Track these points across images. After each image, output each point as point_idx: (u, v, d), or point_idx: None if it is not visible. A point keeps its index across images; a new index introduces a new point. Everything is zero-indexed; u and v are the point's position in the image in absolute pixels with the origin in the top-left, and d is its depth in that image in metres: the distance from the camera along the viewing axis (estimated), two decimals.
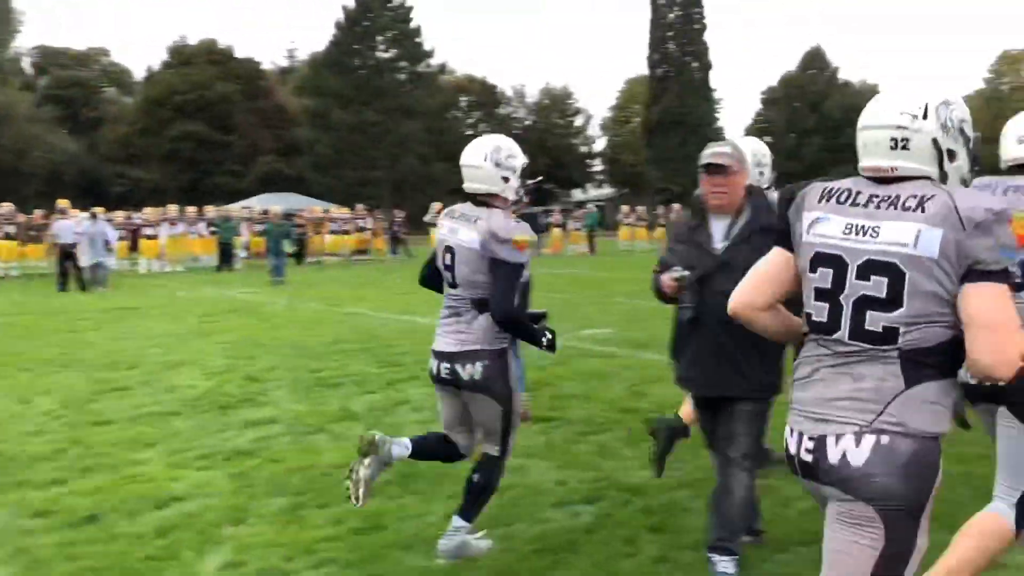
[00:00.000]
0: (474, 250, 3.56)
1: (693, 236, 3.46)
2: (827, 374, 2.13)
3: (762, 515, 4.01)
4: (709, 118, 61.38)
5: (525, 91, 70.45)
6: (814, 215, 2.18)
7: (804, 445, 2.13)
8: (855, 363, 2.08)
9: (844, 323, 2.10)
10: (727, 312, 2.39)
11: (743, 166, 3.45)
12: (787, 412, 2.26)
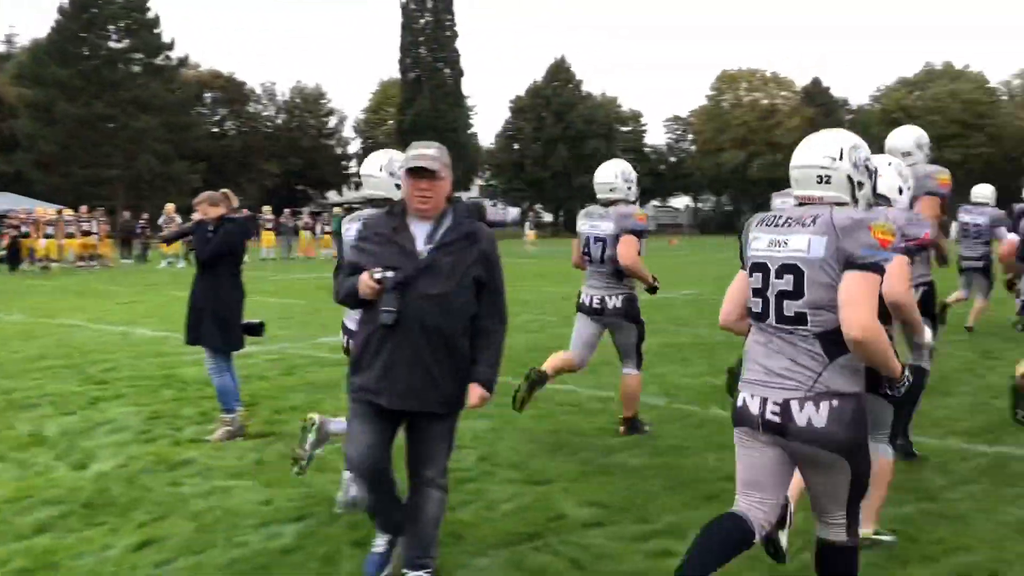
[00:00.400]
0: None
1: (395, 238, 3.30)
2: (769, 351, 2.87)
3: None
4: (462, 124, 62.65)
5: (276, 89, 68.18)
6: (753, 235, 2.96)
7: (770, 408, 2.83)
8: (786, 342, 2.82)
9: (771, 312, 2.85)
10: (434, 318, 3.21)
11: (448, 171, 3.36)
12: None
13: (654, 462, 5.13)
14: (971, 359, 8.44)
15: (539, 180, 70.93)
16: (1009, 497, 4.44)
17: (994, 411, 6.32)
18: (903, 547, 3.85)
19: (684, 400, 6.82)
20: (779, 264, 2.82)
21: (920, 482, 4.69)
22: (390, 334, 3.22)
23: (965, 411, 6.36)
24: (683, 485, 4.69)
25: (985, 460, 5.10)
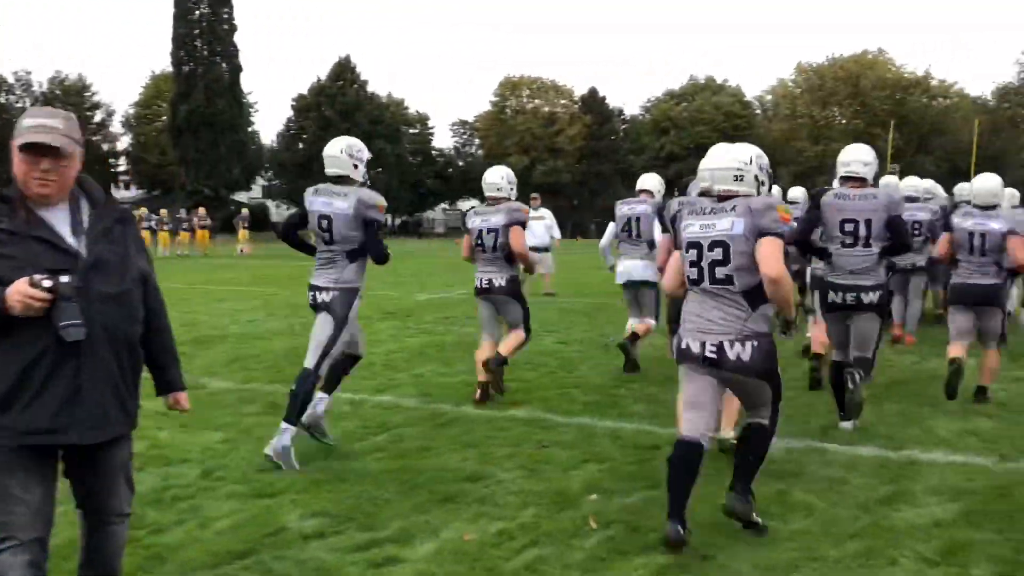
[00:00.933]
0: (348, 215, 5.05)
1: (33, 232, 2.59)
2: (704, 307, 3.85)
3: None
4: (241, 121, 60.09)
5: (31, 79, 62.35)
6: (685, 222, 3.94)
7: (708, 348, 3.78)
8: (719, 299, 3.81)
9: (706, 277, 3.84)
10: (119, 323, 2.75)
11: (77, 146, 2.71)
12: None
13: (393, 465, 4.93)
14: None
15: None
16: (728, 482, 4.60)
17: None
18: (626, 538, 3.88)
19: (438, 399, 6.68)
20: (710, 241, 3.82)
21: (649, 471, 4.79)
22: (70, 353, 2.57)
23: None
24: (419, 488, 4.52)
25: (718, 443, 5.29)
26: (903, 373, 7.62)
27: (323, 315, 5.16)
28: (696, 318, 3.86)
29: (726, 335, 3.75)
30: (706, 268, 3.83)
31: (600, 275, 19.13)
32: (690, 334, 3.86)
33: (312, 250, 5.34)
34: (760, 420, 3.99)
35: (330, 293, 5.15)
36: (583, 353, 8.87)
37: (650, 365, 8.09)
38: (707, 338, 3.79)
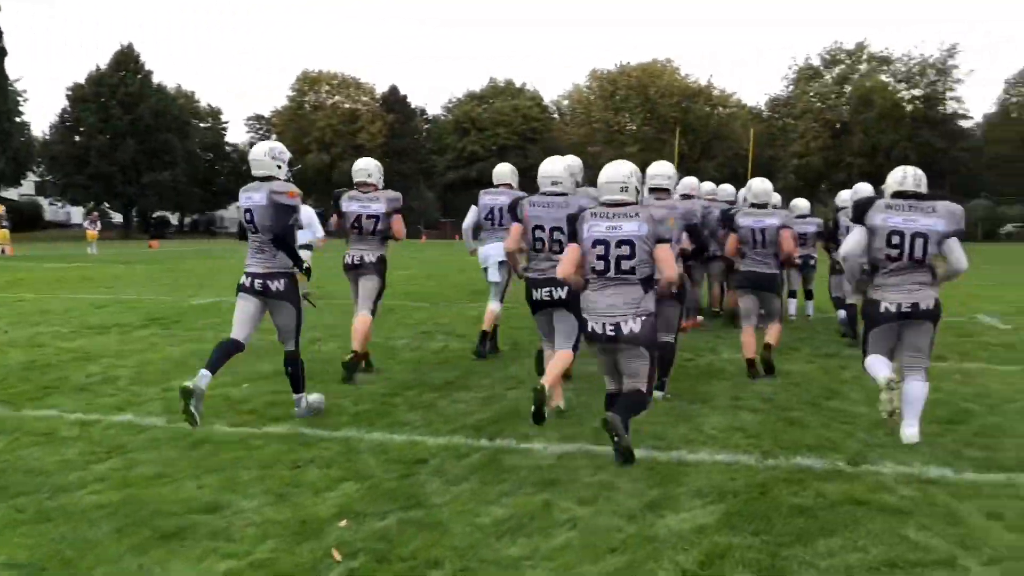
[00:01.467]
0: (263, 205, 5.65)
1: None
2: (609, 294, 4.87)
3: None
4: (8, 110, 54.51)
5: None
6: (589, 223, 4.93)
7: (608, 328, 4.83)
8: (620, 286, 4.86)
9: (612, 269, 4.86)
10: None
11: None
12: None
13: (114, 498, 4.24)
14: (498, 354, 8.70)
15: (106, 175, 64.46)
16: (493, 495, 4.31)
17: (507, 402, 6.40)
18: (371, 570, 3.46)
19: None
20: (617, 240, 4.85)
21: (411, 487, 4.41)
22: None
23: (478, 404, 6.35)
24: (140, 524, 3.89)
25: (480, 456, 4.99)
26: (675, 370, 7.68)
27: (278, 304, 5.80)
28: (601, 305, 4.90)
29: (624, 316, 4.83)
30: (612, 261, 4.88)
31: (399, 276, 18.83)
32: (595, 318, 4.91)
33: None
34: (638, 386, 4.96)
35: (276, 280, 5.74)
36: None
37: (430, 369, 7.74)
38: (607, 320, 4.86)
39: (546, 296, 5.84)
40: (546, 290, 5.82)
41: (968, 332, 10.39)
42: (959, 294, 15.48)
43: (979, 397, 6.60)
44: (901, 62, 67.17)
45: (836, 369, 7.83)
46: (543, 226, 5.83)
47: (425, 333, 10.16)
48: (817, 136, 65.45)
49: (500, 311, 8.45)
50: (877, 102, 63.35)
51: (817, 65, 70.06)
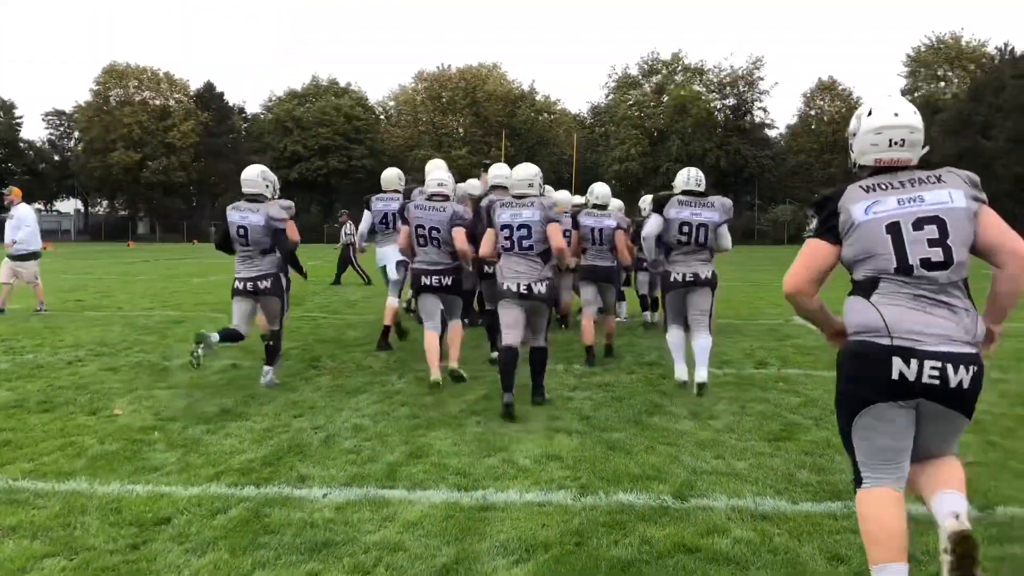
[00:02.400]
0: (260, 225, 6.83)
1: None
2: (516, 264, 6.25)
3: None
4: None
5: None
6: (499, 212, 6.31)
7: (521, 288, 6.16)
8: (525, 259, 6.23)
9: (516, 245, 6.25)
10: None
11: None
12: None
13: None
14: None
15: None
16: (245, 569, 3.37)
17: (288, 434, 5.44)
18: None
19: None
20: (519, 223, 6.22)
21: (137, 562, 3.40)
22: None
23: (253, 439, 5.35)
24: None
25: (240, 510, 4.03)
26: (493, 388, 6.97)
27: (265, 299, 6.97)
28: (512, 272, 6.23)
29: (531, 279, 6.18)
30: (516, 240, 6.23)
31: (189, 284, 17.23)
32: (509, 279, 6.23)
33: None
34: (540, 344, 6.42)
35: (264, 281, 6.92)
36: (128, 383, 7.12)
37: (207, 394, 6.63)
38: (520, 280, 6.19)
39: (434, 282, 7.03)
40: (435, 277, 7.02)
41: (785, 335, 10.30)
42: (775, 295, 15.78)
43: (804, 407, 6.25)
44: (713, 73, 70.47)
45: (658, 379, 7.35)
46: (424, 225, 6.97)
47: None
48: (637, 143, 67.51)
49: (398, 305, 9.11)
50: (692, 111, 66.09)
51: (635, 74, 72.34)
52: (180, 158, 72.20)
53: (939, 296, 2.85)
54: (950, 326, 2.82)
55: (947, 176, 2.95)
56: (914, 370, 2.80)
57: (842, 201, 2.99)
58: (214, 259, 30.63)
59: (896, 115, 2.99)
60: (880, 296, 2.92)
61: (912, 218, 2.87)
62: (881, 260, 2.90)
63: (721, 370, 7.79)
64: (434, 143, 69.93)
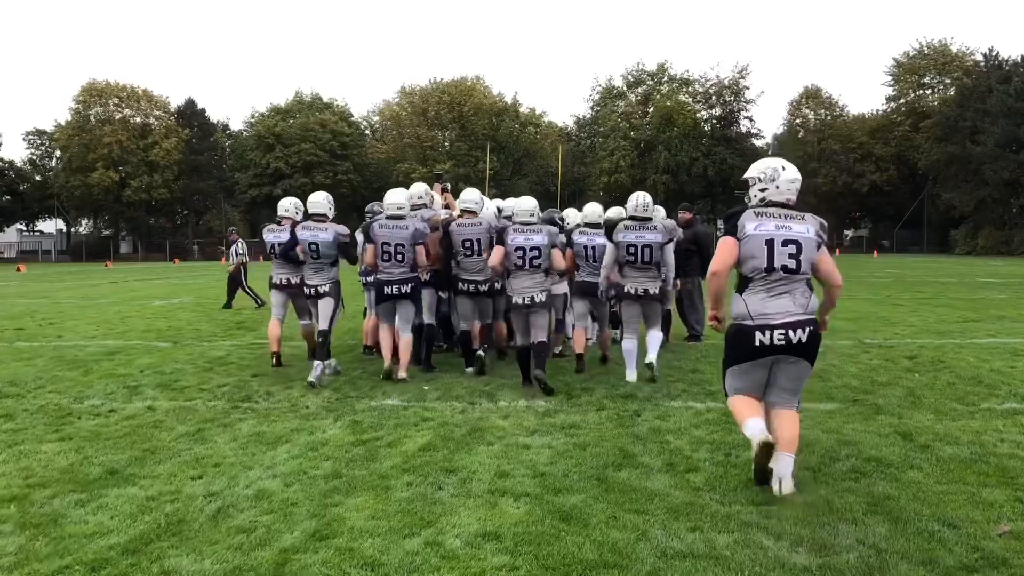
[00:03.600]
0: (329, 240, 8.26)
1: None
2: (524, 280, 7.61)
3: None
4: None
5: None
6: (512, 236, 7.66)
7: (525, 300, 7.56)
8: (532, 275, 7.62)
9: (528, 264, 7.60)
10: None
11: None
12: None
13: None
14: None
15: None
16: None
17: (172, 508, 4.47)
18: None
19: None
20: (530, 246, 7.59)
21: None
22: None
23: (128, 515, 4.39)
24: None
25: None
26: (437, 437, 6.04)
27: (324, 300, 8.26)
28: (520, 287, 7.61)
29: (533, 292, 7.54)
30: (528, 260, 7.64)
31: (147, 308, 16.05)
32: (517, 295, 7.58)
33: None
34: (541, 338, 7.59)
35: (325, 286, 8.28)
36: (15, 434, 6.12)
37: (101, 448, 5.64)
38: (525, 295, 7.56)
39: (395, 291, 8.06)
40: (395, 286, 8.06)
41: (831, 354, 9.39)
42: None
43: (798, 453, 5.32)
44: (699, 83, 69.89)
45: (631, 417, 6.41)
46: (389, 243, 8.08)
47: (131, 388, 7.94)
48: (626, 154, 66.77)
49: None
50: (678, 121, 65.45)
51: (620, 86, 71.71)
52: (163, 176, 71.09)
53: (785, 287, 4.51)
54: (789, 306, 4.50)
55: (808, 217, 4.60)
56: (768, 337, 4.49)
57: (741, 219, 4.59)
58: (185, 280, 29.59)
59: (797, 173, 4.71)
60: (748, 292, 4.57)
61: (782, 238, 4.51)
62: (757, 261, 4.52)
63: (704, 404, 6.87)
64: (419, 157, 69.07)
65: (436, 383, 7.93)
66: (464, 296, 8.36)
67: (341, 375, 8.34)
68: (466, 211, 8.42)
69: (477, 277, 8.22)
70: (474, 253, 8.22)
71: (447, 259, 8.49)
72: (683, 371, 8.53)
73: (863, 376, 8.10)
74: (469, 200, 8.52)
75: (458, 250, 8.28)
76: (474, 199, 8.54)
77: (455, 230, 8.33)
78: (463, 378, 8.21)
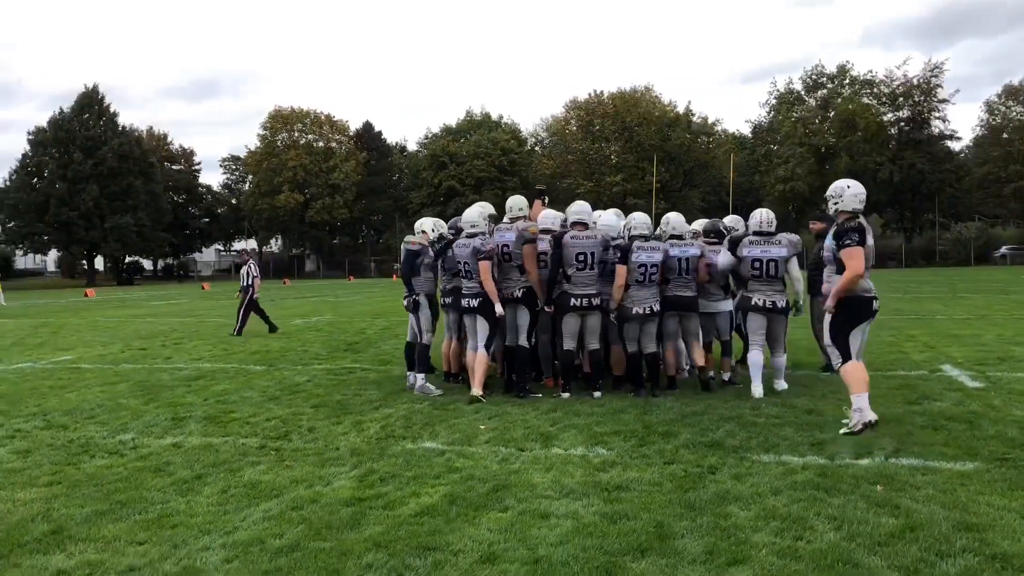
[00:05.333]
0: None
1: None
2: (584, 276, 7.88)
3: None
4: None
5: None
6: (636, 252, 7.99)
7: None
8: (590, 272, 7.91)
9: (594, 265, 8.01)
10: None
11: None
12: None
13: None
14: None
15: (66, 222, 62.17)
16: None
17: None
18: None
19: None
20: (652, 263, 8.00)
21: None
22: None
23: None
24: None
25: None
26: (481, 484, 5.11)
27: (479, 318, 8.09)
28: (579, 288, 7.86)
29: (596, 295, 7.90)
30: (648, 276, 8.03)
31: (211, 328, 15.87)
32: (577, 296, 7.85)
33: None
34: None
35: (476, 300, 8.02)
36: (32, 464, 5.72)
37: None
38: (583, 297, 7.85)
39: (465, 304, 8.11)
40: (465, 299, 8.10)
41: (924, 394, 7.78)
42: (931, 333, 12.89)
43: (897, 540, 3.96)
44: (885, 84, 65.10)
45: (700, 475, 5.19)
46: (460, 260, 8.19)
47: (179, 419, 7.46)
48: (802, 161, 63.12)
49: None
50: (861, 125, 61.15)
51: (799, 90, 68.00)
52: (343, 197, 74.19)
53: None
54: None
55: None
56: (877, 305, 6.52)
57: (866, 232, 6.30)
58: (342, 298, 30.13)
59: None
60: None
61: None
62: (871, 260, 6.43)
63: (802, 459, 5.53)
64: (584, 172, 68.33)
65: (499, 419, 7.00)
66: (574, 313, 7.94)
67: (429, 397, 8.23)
68: (578, 223, 8.08)
69: (590, 291, 7.93)
70: (587, 267, 7.89)
71: (552, 274, 8.05)
72: (798, 411, 7.14)
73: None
74: (582, 212, 8.20)
75: (571, 263, 7.87)
76: (586, 210, 8.24)
77: (569, 242, 7.92)
78: (535, 412, 7.23)
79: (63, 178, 62.64)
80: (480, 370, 7.96)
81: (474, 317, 8.08)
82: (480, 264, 7.86)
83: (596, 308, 7.99)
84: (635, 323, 8.01)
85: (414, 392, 8.41)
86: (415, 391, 8.40)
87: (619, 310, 8.08)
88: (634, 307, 7.94)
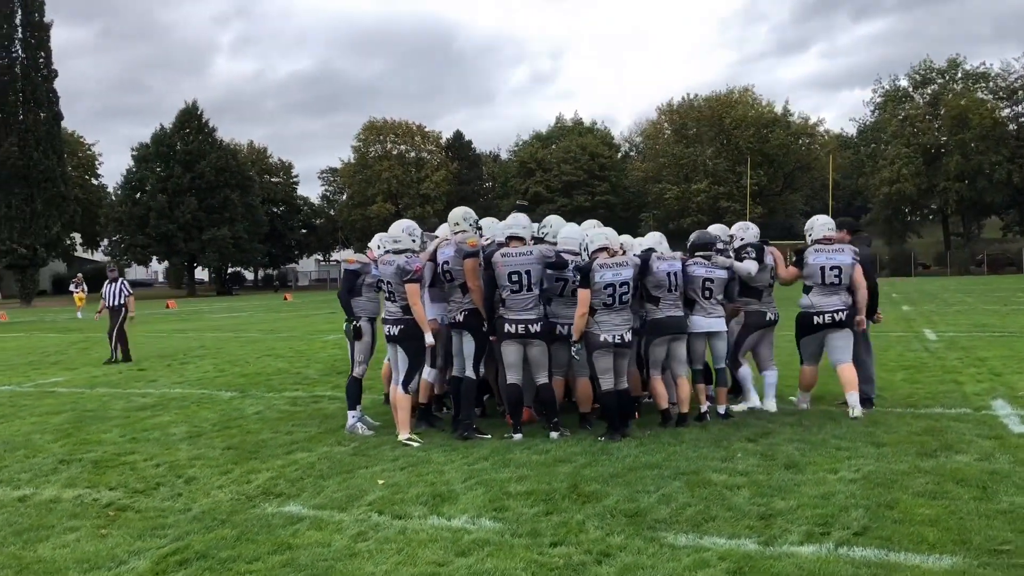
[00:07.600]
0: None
1: None
2: (520, 299, 6.86)
3: None
4: (59, 173, 54.25)
5: None
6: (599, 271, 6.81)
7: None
8: (527, 294, 6.90)
9: (532, 286, 6.92)
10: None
11: None
12: None
13: None
14: None
15: (166, 234, 64.26)
16: None
17: None
18: None
19: None
20: (620, 281, 6.90)
21: None
22: None
23: None
24: None
25: None
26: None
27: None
28: (609, 323, 6.85)
29: (626, 329, 6.96)
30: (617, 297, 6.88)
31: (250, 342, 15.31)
32: (605, 332, 6.81)
33: None
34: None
35: (397, 327, 7.04)
36: None
37: None
38: (614, 333, 6.87)
39: (387, 332, 7.13)
40: (387, 327, 7.13)
41: (947, 443, 6.29)
42: (1006, 356, 11.10)
43: None
44: (1002, 77, 60.71)
45: (574, 573, 4.02)
46: (383, 279, 7.20)
47: (96, 463, 6.70)
48: (909, 161, 59.44)
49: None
50: (974, 121, 57.09)
51: (905, 86, 64.19)
52: (433, 207, 74.32)
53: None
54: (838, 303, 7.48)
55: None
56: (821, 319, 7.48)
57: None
58: None
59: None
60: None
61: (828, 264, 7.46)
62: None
63: (729, 542, 4.28)
64: (676, 176, 66.29)
65: (410, 471, 5.95)
66: (511, 340, 6.92)
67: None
68: (513, 237, 7.11)
69: (528, 316, 6.91)
70: (523, 288, 6.89)
71: (488, 296, 7.14)
72: (775, 464, 5.84)
73: None
74: (516, 225, 7.22)
75: (503, 284, 6.92)
76: (521, 223, 7.26)
77: (499, 260, 6.94)
78: (462, 460, 6.17)
79: (163, 191, 64.72)
80: (402, 412, 7.01)
81: (395, 347, 7.17)
82: (408, 288, 6.89)
83: (537, 336, 6.95)
84: (606, 353, 6.81)
85: (345, 432, 7.48)
86: (346, 430, 7.47)
87: (585, 338, 6.92)
88: (602, 334, 6.78)
